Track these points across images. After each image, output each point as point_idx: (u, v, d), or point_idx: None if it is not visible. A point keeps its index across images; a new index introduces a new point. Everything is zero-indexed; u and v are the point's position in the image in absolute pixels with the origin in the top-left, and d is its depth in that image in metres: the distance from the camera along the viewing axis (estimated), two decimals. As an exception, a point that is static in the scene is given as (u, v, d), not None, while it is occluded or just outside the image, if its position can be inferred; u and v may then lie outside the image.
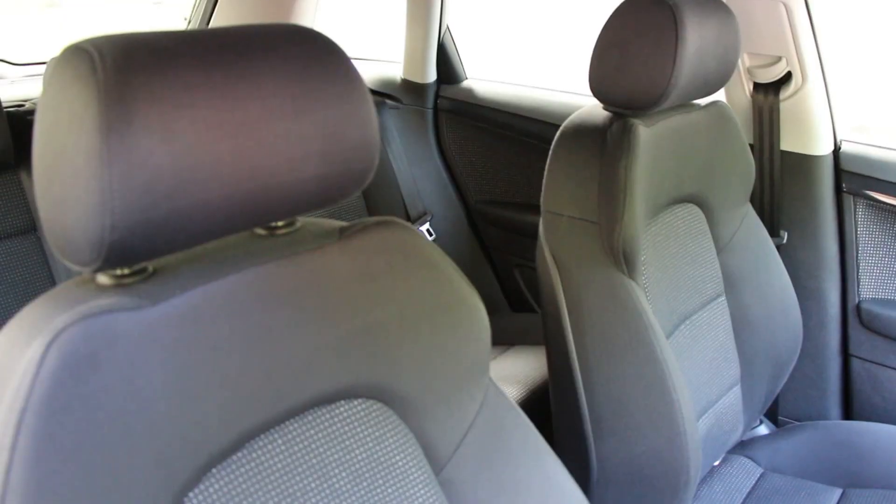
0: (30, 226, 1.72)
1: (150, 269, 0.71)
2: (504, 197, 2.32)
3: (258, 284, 0.74)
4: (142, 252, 0.65)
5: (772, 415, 1.95)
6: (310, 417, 0.79)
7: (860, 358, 1.84)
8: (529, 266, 2.30)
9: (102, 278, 0.69)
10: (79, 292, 0.67)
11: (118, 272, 0.69)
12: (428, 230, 2.31)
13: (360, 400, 0.83)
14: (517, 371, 1.91)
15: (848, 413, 1.91)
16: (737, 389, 1.58)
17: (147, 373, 0.65)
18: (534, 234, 1.36)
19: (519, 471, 0.91)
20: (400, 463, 0.84)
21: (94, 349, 0.62)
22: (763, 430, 1.83)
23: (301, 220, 0.83)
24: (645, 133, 1.27)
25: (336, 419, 0.81)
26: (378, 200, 2.25)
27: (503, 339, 2.09)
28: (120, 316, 0.65)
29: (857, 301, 1.82)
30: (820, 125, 1.77)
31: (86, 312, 0.63)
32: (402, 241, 0.85)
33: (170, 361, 0.66)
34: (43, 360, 0.61)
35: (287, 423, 0.77)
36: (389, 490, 0.83)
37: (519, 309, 2.38)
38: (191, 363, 0.68)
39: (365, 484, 0.81)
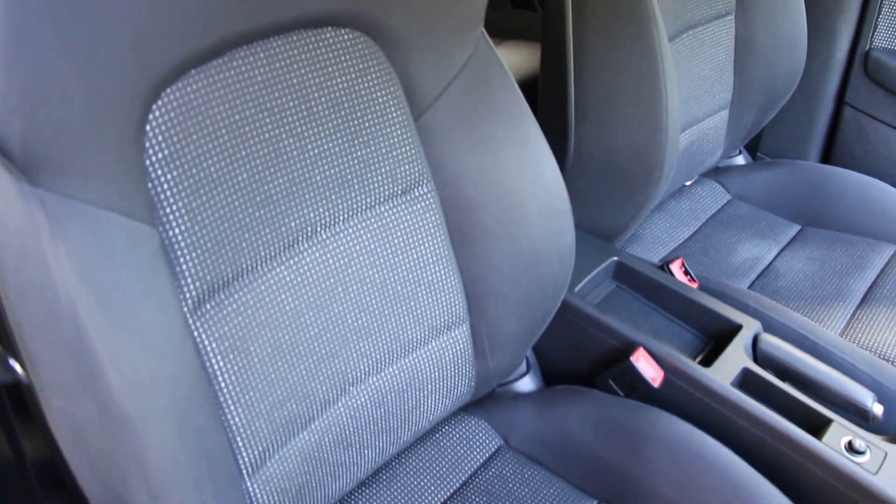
0: None
1: None
2: None
3: None
4: None
5: (751, 149, 1.96)
6: (295, 38, 0.77)
7: (853, 107, 1.83)
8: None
9: None
10: None
11: None
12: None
13: (347, 30, 0.80)
14: (507, 61, 1.86)
15: (826, 159, 1.93)
16: (724, 113, 1.57)
17: None
18: None
19: (497, 128, 0.90)
20: (380, 99, 0.83)
21: None
22: (740, 160, 1.85)
23: None
24: None
25: (321, 44, 0.78)
26: None
27: (498, 32, 2.02)
28: None
29: (867, 48, 1.77)
30: None
31: None
32: None
33: None
34: None
35: (271, 39, 0.75)
36: (366, 123, 0.82)
37: (519, 5, 2.30)
38: None
39: (343, 112, 0.80)
